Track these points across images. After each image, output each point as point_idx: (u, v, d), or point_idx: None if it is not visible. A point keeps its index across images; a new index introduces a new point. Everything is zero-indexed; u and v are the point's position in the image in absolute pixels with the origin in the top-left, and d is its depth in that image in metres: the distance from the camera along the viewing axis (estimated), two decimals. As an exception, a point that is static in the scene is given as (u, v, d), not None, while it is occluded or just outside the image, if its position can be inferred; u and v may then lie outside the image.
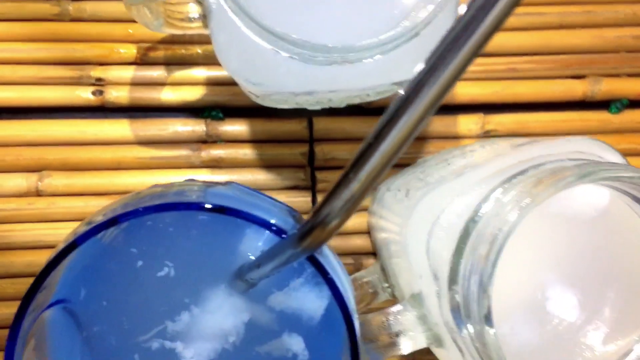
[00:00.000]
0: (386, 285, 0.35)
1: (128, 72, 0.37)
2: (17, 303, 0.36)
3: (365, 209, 0.39)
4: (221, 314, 0.24)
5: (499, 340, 0.23)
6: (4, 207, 0.36)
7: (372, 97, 0.33)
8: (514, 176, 0.24)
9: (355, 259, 0.39)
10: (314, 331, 0.24)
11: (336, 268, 0.22)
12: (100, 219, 0.20)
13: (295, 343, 0.24)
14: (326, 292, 0.24)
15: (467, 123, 0.39)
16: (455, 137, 0.39)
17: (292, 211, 0.23)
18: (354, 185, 0.17)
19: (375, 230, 0.37)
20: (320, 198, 0.39)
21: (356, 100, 0.35)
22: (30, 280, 0.21)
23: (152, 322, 0.24)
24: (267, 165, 0.38)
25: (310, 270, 0.24)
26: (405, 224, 0.27)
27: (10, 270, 0.36)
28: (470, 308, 0.23)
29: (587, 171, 0.21)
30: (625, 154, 0.40)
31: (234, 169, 0.38)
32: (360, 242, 0.39)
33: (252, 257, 0.23)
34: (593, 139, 0.27)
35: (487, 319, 0.23)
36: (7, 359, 0.21)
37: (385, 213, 0.34)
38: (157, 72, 0.38)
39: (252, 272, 0.21)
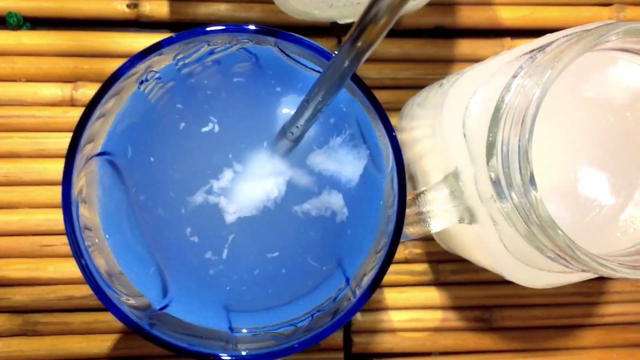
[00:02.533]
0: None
1: (163, -13, 0.38)
2: (51, 210, 0.36)
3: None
4: (264, 172, 0.24)
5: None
6: (39, 114, 0.37)
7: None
8: (547, 45, 0.24)
9: (381, 178, 0.39)
10: (353, 191, 0.25)
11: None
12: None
13: (335, 201, 0.24)
14: (364, 152, 0.24)
15: (493, 46, 0.40)
16: (482, 60, 0.40)
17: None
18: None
19: (403, 146, 0.37)
20: (348, 117, 0.39)
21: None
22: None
23: (197, 177, 0.24)
24: (297, 82, 0.39)
25: (349, 131, 0.24)
26: (440, 107, 0.28)
27: (44, 177, 0.37)
28: (512, 176, 0.24)
29: (615, 25, 0.22)
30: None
31: (264, 84, 0.38)
32: (386, 162, 0.39)
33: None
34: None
35: (532, 181, 0.23)
36: (64, 194, 0.21)
37: (415, 123, 0.35)
38: (191, -12, 0.38)
39: (299, 116, 0.22)
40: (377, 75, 0.39)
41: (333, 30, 0.39)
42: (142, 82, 0.23)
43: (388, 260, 0.21)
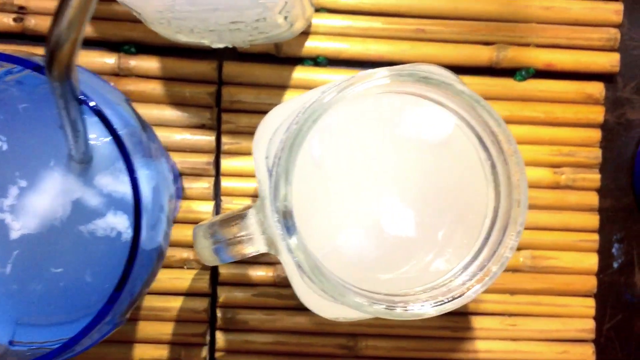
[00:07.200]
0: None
1: (49, 3, 0.39)
2: None
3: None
4: (52, 191, 0.25)
5: (306, 245, 0.24)
6: None
7: (253, 33, 0.34)
8: (345, 81, 0.25)
9: (254, 200, 0.40)
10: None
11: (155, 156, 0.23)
12: None
13: (120, 222, 0.25)
14: (153, 174, 0.25)
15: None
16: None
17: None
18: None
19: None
20: (225, 139, 0.40)
21: (256, 40, 0.36)
22: None
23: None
24: (175, 102, 0.40)
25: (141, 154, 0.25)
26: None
27: None
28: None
29: (380, 72, 0.22)
30: (528, 122, 0.41)
31: (142, 103, 0.39)
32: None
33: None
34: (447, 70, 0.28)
35: (287, 220, 0.24)
36: None
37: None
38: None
39: (66, 138, 0.23)
40: (254, 100, 0.40)
41: (217, 52, 0.40)
42: None
43: (124, 276, 0.22)
